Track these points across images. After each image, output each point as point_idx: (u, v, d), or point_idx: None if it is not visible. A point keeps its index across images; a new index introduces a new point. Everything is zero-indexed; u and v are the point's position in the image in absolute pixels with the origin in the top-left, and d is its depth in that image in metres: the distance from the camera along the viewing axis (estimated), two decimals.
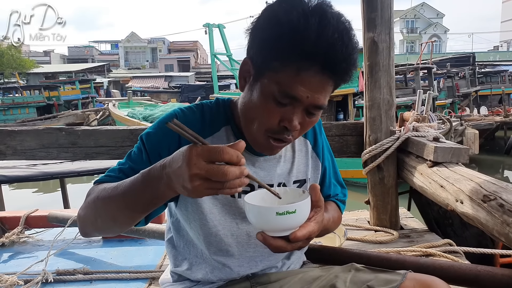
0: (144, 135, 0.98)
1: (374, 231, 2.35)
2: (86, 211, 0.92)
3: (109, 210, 0.87)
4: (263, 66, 0.87)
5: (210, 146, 0.69)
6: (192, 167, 0.67)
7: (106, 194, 0.86)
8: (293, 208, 0.79)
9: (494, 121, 12.75)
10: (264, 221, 0.80)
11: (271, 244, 0.81)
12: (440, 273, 1.23)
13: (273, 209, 0.78)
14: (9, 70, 30.26)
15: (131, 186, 0.81)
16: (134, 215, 0.86)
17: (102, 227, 0.93)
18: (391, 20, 2.21)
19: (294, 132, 0.90)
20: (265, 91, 0.87)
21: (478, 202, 1.43)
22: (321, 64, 0.82)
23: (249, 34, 0.92)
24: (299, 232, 0.81)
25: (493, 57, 39.45)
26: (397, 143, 2.20)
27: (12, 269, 2.03)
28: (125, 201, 0.83)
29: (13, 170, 3.62)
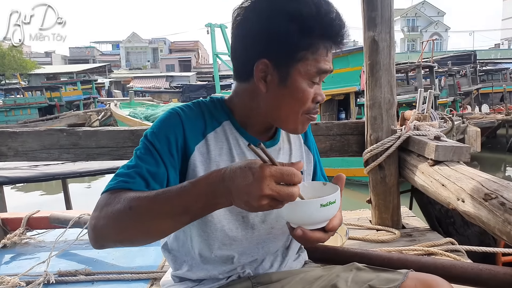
0: (149, 134, 0.97)
1: (376, 230, 2.34)
2: (107, 221, 0.84)
3: (148, 221, 0.82)
4: (288, 59, 0.92)
5: (283, 168, 0.71)
6: (265, 188, 0.69)
7: (143, 206, 0.81)
8: (333, 199, 0.82)
9: (495, 119, 12.71)
10: (308, 214, 0.81)
11: (311, 237, 0.83)
12: (442, 272, 1.23)
13: (317, 201, 0.80)
14: (11, 71, 30.33)
15: (179, 198, 0.78)
16: (178, 226, 0.84)
17: (131, 238, 0.87)
18: (392, 19, 2.21)
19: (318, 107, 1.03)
20: (302, 79, 0.93)
21: (479, 200, 1.42)
22: (333, 38, 0.93)
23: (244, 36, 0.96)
24: (334, 221, 0.85)
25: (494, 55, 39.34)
26: (398, 142, 2.19)
27: (14, 270, 2.03)
28: (171, 213, 0.80)
29: (15, 171, 3.63)
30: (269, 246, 1.10)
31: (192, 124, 0.99)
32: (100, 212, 0.86)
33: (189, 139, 0.98)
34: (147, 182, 0.90)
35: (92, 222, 0.87)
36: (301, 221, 0.83)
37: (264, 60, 0.94)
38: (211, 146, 1.01)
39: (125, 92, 31.83)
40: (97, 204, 0.88)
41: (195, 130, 1.00)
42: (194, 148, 0.99)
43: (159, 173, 0.92)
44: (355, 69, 8.65)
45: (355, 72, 8.69)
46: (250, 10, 0.95)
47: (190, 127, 0.99)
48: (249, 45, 0.96)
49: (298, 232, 0.82)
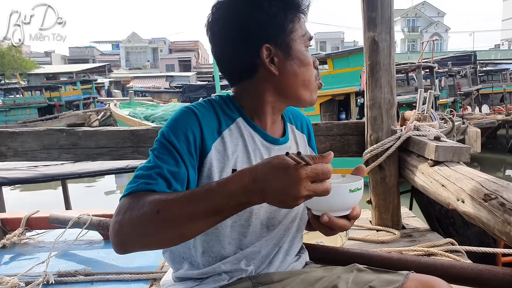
0: (166, 133, 0.95)
1: (376, 230, 2.34)
2: (133, 226, 0.82)
3: (178, 225, 0.80)
4: (284, 35, 1.01)
5: (317, 167, 0.71)
6: (303, 190, 0.70)
7: (172, 209, 0.80)
8: (360, 185, 0.84)
9: (496, 119, 12.71)
10: (337, 200, 0.82)
11: (337, 224, 0.84)
12: (442, 272, 1.22)
13: (347, 187, 0.82)
14: (10, 71, 30.33)
15: (209, 200, 0.77)
16: (210, 226, 0.83)
17: (159, 242, 0.86)
18: (392, 19, 2.21)
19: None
20: (301, 48, 1.03)
21: (479, 201, 1.42)
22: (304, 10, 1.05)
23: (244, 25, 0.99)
24: (357, 209, 0.87)
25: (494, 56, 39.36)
26: (398, 142, 2.19)
27: (13, 270, 2.03)
28: (202, 214, 0.79)
29: (14, 172, 3.63)
30: (272, 246, 1.09)
31: (208, 122, 0.99)
32: (124, 217, 0.83)
33: (207, 137, 0.98)
34: (169, 183, 0.88)
35: (116, 227, 0.84)
36: (329, 207, 0.84)
37: (265, 45, 1.00)
38: (227, 143, 1.01)
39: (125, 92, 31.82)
40: (119, 208, 0.85)
41: (212, 128, 1.00)
42: (211, 146, 0.98)
43: (180, 173, 0.90)
44: (355, 69, 8.65)
45: (356, 72, 8.69)
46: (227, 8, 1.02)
47: (207, 125, 0.98)
48: (241, 41, 0.99)
49: (325, 219, 0.83)
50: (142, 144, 2.30)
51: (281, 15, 1.00)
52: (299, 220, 1.14)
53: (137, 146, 2.31)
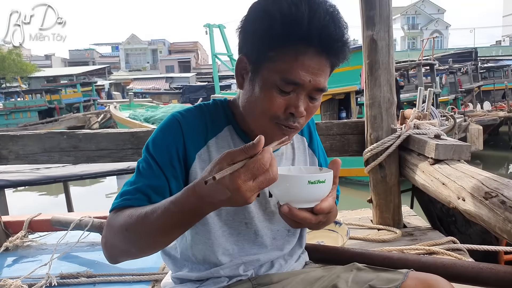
0: (150, 145, 0.97)
1: (377, 229, 2.34)
2: (114, 241, 0.90)
3: (146, 240, 0.86)
4: (259, 59, 0.90)
5: (250, 165, 0.68)
6: (246, 193, 0.69)
7: (136, 227, 0.84)
8: (323, 178, 0.81)
9: (497, 116, 12.71)
10: (295, 190, 0.81)
11: (297, 215, 0.83)
12: (442, 271, 1.22)
13: (305, 178, 0.80)
14: (11, 74, 30.37)
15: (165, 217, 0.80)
16: (173, 238, 0.88)
17: (138, 253, 0.91)
18: (390, 18, 2.20)
19: (300, 118, 0.93)
20: (267, 82, 0.89)
21: (480, 199, 1.42)
22: (317, 47, 0.86)
23: (239, 32, 0.95)
24: (323, 204, 0.84)
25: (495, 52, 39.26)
26: (398, 141, 2.19)
27: (16, 273, 2.04)
28: (162, 229, 0.82)
29: (16, 175, 3.64)
30: (272, 251, 1.10)
31: (193, 131, 0.99)
32: (107, 232, 0.92)
33: (189, 147, 0.98)
34: (148, 197, 0.92)
35: (103, 241, 0.93)
36: (288, 198, 0.83)
37: (242, 57, 0.95)
38: (213, 152, 1.01)
39: (124, 94, 31.86)
40: (106, 224, 0.93)
41: (196, 137, 1.00)
42: (195, 156, 0.99)
43: (160, 187, 0.94)
44: (355, 68, 8.62)
45: (356, 71, 8.67)
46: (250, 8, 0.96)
47: (190, 134, 0.99)
48: (239, 42, 0.98)
49: (284, 209, 0.82)
50: (143, 146, 2.29)
51: (267, 35, 0.87)
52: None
53: (137, 148, 2.31)
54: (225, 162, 0.70)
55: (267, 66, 0.89)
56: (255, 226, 1.05)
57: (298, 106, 0.90)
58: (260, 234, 1.06)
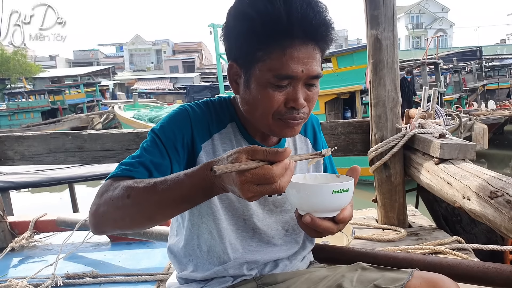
0: (158, 128, 0.99)
1: (382, 229, 2.34)
2: (107, 208, 0.86)
3: (147, 210, 0.83)
4: (249, 61, 0.91)
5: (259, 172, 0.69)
6: (246, 192, 0.70)
7: (142, 195, 0.82)
8: (347, 187, 0.80)
9: (502, 115, 12.61)
10: (319, 200, 0.79)
11: (319, 225, 0.81)
12: (448, 270, 1.22)
13: (330, 187, 0.78)
14: (16, 75, 30.53)
15: (177, 189, 0.79)
16: (179, 212, 0.88)
17: (130, 225, 0.87)
18: (394, 17, 2.20)
19: (303, 109, 0.93)
20: (261, 82, 0.90)
21: (485, 198, 1.42)
22: (301, 37, 0.87)
23: (224, 39, 0.97)
24: (345, 212, 0.83)
25: (500, 51, 39.06)
26: (403, 140, 2.19)
27: (22, 273, 2.05)
28: (171, 202, 0.80)
29: (21, 176, 3.67)
30: (272, 250, 1.10)
31: (200, 122, 1.01)
32: (100, 199, 0.88)
33: (196, 137, 1.00)
34: (150, 172, 0.91)
35: (93, 208, 0.89)
36: (311, 207, 0.81)
37: (231, 63, 0.97)
38: (217, 146, 1.03)
39: (129, 94, 31.95)
40: (98, 191, 0.90)
41: (202, 129, 1.02)
42: (201, 146, 1.00)
43: (163, 165, 0.94)
44: (360, 67, 8.61)
45: (360, 70, 8.65)
46: (227, 15, 0.97)
47: (198, 125, 1.00)
48: (226, 49, 0.99)
49: (307, 219, 0.81)
50: None
51: (250, 37, 0.88)
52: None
53: None
54: (245, 155, 0.70)
55: (257, 66, 0.90)
56: (253, 224, 1.06)
57: (297, 98, 0.90)
58: (258, 232, 1.07)
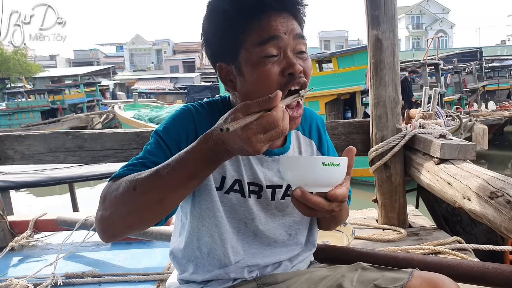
0: (161, 130, 0.99)
1: (382, 229, 2.34)
2: (114, 208, 0.85)
3: (155, 197, 0.82)
4: (233, 51, 0.94)
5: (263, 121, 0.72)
6: (257, 144, 0.72)
7: (145, 181, 0.82)
8: (337, 161, 0.79)
9: (502, 116, 12.61)
10: (308, 172, 0.79)
11: (309, 199, 0.80)
12: (448, 270, 1.22)
13: (319, 159, 0.79)
14: (16, 75, 30.53)
15: (181, 167, 0.79)
16: (188, 192, 0.86)
17: (139, 219, 0.86)
18: (395, 17, 2.20)
19: (301, 75, 0.93)
20: (252, 61, 0.92)
21: (486, 199, 1.42)
22: (274, 6, 0.91)
23: (205, 47, 1.00)
24: (337, 190, 0.81)
25: (500, 52, 39.05)
26: (403, 140, 2.19)
27: (22, 273, 2.05)
28: (179, 182, 0.80)
29: (22, 176, 3.67)
30: (273, 254, 1.10)
31: (203, 122, 1.01)
32: (104, 202, 0.87)
33: (200, 132, 0.99)
34: None
35: (99, 214, 0.88)
36: (302, 180, 0.80)
37: (219, 64, 0.99)
38: None
39: (129, 94, 31.97)
40: (101, 195, 0.89)
41: (206, 128, 1.01)
42: None
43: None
44: (360, 68, 8.61)
45: (361, 71, 8.65)
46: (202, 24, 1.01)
47: (202, 125, 1.00)
48: (209, 57, 1.01)
49: (297, 192, 0.80)
50: None
51: (226, 27, 0.92)
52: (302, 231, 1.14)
53: (142, 148, 2.32)
54: (241, 112, 0.73)
55: (242, 50, 0.92)
56: (255, 227, 1.05)
57: (292, 63, 0.91)
58: (259, 235, 1.06)
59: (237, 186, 1.03)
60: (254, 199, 1.04)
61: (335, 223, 1.17)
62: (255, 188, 1.04)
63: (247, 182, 1.03)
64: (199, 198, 1.02)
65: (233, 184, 1.02)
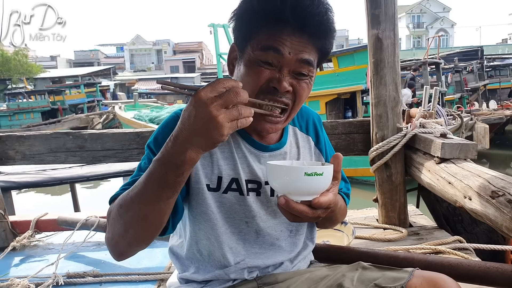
0: (151, 141, 0.99)
1: (383, 229, 2.33)
2: (113, 227, 0.88)
3: (138, 211, 0.82)
4: (244, 41, 0.95)
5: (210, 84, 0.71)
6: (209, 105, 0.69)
7: (128, 198, 0.83)
8: (320, 171, 0.80)
9: (504, 115, 12.60)
10: (291, 181, 0.80)
11: (293, 208, 0.80)
12: (449, 270, 1.22)
13: (302, 169, 0.79)
14: (17, 75, 30.56)
15: (150, 176, 0.78)
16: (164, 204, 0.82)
17: (135, 236, 0.87)
18: (395, 16, 2.20)
19: (286, 95, 0.93)
20: (251, 59, 0.93)
21: (487, 198, 1.42)
22: (292, 23, 0.88)
23: (232, 21, 0.99)
24: (321, 198, 0.81)
25: (501, 50, 39.00)
26: (404, 140, 2.19)
27: (23, 272, 2.06)
28: (151, 193, 0.79)
29: (23, 176, 3.67)
30: (276, 253, 1.10)
31: None
32: (108, 224, 0.90)
33: None
34: None
35: (106, 236, 0.91)
36: (286, 189, 0.82)
37: (233, 44, 1.00)
38: (213, 149, 1.01)
39: (129, 94, 31.97)
40: (107, 216, 0.91)
41: None
42: None
43: None
44: (361, 67, 8.60)
45: (361, 70, 8.64)
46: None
47: None
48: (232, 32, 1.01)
49: (281, 200, 0.81)
50: None
51: (247, 17, 0.94)
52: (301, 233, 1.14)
53: (142, 148, 2.31)
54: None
55: (250, 45, 0.93)
56: (256, 226, 1.05)
57: (280, 79, 0.91)
58: (262, 234, 1.06)
59: (234, 185, 1.03)
60: (253, 196, 1.04)
61: (331, 223, 1.17)
62: (253, 186, 1.04)
63: (245, 180, 1.03)
64: (193, 202, 1.02)
65: (230, 183, 1.03)
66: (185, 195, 1.01)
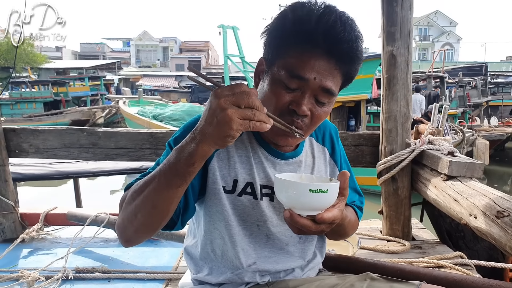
0: (172, 140, 1.03)
1: (386, 240, 2.37)
2: (124, 212, 0.91)
3: (147, 195, 0.85)
4: (272, 57, 0.96)
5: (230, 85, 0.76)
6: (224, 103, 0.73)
7: (141, 183, 0.87)
8: (325, 188, 0.82)
9: (504, 132, 12.62)
10: (296, 197, 0.83)
11: (297, 222, 0.84)
12: (453, 285, 1.26)
13: (307, 185, 0.82)
14: (21, 64, 30.51)
15: (165, 163, 0.83)
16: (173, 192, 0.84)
17: (142, 220, 0.89)
18: (410, 35, 2.25)
19: (304, 118, 0.95)
20: (275, 78, 0.95)
21: (492, 217, 1.46)
22: (322, 47, 0.90)
23: (265, 34, 1.01)
24: (325, 214, 0.84)
25: (505, 67, 39.06)
26: (412, 155, 2.22)
27: (32, 265, 2.09)
28: (162, 179, 0.82)
29: (29, 168, 3.68)
30: (286, 258, 1.13)
31: None
32: (119, 210, 0.94)
33: None
34: None
35: (118, 221, 0.95)
36: (291, 204, 0.85)
37: (261, 58, 1.02)
38: (231, 152, 1.06)
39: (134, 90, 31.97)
40: (119, 203, 0.95)
41: None
42: (214, 154, 1.03)
43: None
44: (366, 76, 8.62)
45: (367, 79, 8.67)
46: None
47: None
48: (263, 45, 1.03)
49: (286, 213, 0.85)
50: (161, 146, 2.36)
51: (280, 36, 0.95)
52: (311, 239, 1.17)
53: (155, 148, 2.37)
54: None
55: (277, 63, 0.95)
56: (267, 229, 1.08)
57: (300, 103, 0.93)
58: (272, 238, 1.09)
59: (249, 188, 1.06)
60: (266, 201, 1.08)
61: (339, 235, 1.17)
62: (267, 191, 1.07)
63: (259, 184, 1.06)
64: (209, 202, 1.05)
65: (245, 187, 1.06)
66: (202, 195, 1.05)
